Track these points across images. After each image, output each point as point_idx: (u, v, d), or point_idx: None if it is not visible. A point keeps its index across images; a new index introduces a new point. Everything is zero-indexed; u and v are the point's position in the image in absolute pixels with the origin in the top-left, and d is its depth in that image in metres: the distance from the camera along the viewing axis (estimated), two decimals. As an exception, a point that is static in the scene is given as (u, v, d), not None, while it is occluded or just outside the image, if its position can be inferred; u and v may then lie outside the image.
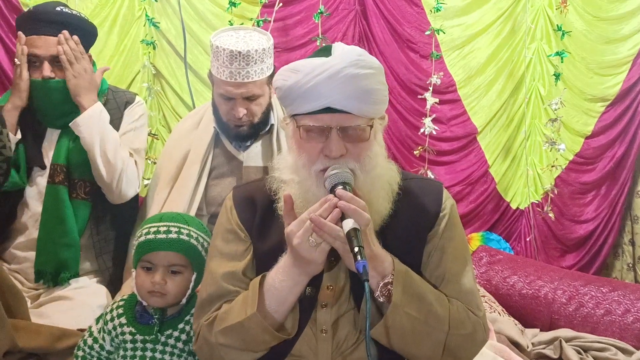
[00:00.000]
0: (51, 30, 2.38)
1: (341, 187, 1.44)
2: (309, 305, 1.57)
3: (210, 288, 1.62)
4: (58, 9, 2.41)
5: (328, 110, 1.48)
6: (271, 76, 2.44)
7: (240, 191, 1.72)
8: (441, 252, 1.60)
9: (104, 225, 2.52)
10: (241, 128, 2.43)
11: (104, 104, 2.49)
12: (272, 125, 2.52)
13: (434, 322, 1.50)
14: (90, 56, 2.50)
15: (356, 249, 1.34)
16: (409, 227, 1.59)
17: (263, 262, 1.59)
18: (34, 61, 2.39)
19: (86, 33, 2.47)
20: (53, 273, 2.39)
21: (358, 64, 1.48)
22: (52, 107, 2.43)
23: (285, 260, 1.51)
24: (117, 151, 2.42)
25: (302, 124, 1.52)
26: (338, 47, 1.54)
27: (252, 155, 2.51)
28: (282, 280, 1.50)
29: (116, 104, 2.55)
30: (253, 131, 2.47)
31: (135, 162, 2.53)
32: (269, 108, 2.48)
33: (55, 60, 2.39)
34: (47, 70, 2.38)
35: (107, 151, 2.39)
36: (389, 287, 1.48)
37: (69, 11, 2.44)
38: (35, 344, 1.93)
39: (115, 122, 2.51)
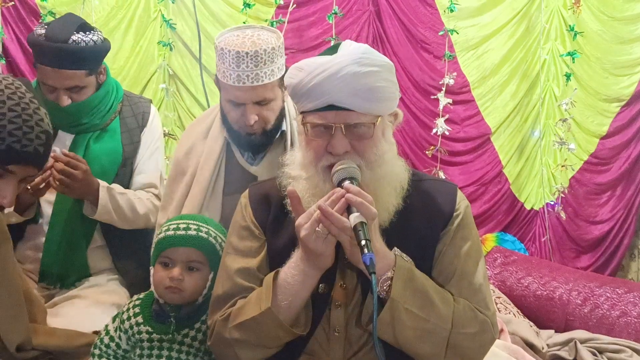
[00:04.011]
0: (64, 64, 2.28)
1: (348, 181, 1.46)
2: (323, 303, 1.58)
3: (225, 284, 1.64)
4: (71, 40, 2.27)
5: (332, 107, 1.51)
6: (283, 77, 2.21)
7: (255, 189, 1.74)
8: (453, 251, 1.61)
9: (118, 230, 2.50)
10: (253, 136, 2.20)
11: (119, 112, 2.50)
12: (284, 132, 2.29)
13: (436, 319, 1.50)
14: (104, 68, 2.45)
15: (363, 242, 1.36)
16: (422, 225, 1.60)
17: (276, 259, 1.60)
18: (47, 87, 2.34)
19: (99, 57, 2.39)
20: (59, 275, 2.40)
21: (360, 62, 1.49)
22: (67, 123, 2.40)
23: (297, 255, 1.53)
24: (136, 210, 2.43)
25: (307, 121, 1.55)
26: (345, 46, 1.55)
27: (266, 169, 2.31)
28: (294, 275, 1.51)
29: (132, 111, 2.54)
30: (265, 139, 2.23)
31: (159, 192, 2.54)
32: (282, 113, 2.25)
33: (69, 88, 2.33)
34: (64, 101, 2.33)
35: (127, 219, 2.42)
36: (389, 282, 1.49)
37: (83, 40, 2.29)
38: (50, 343, 1.95)
39: (132, 132, 2.51)
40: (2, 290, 1.77)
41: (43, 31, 2.29)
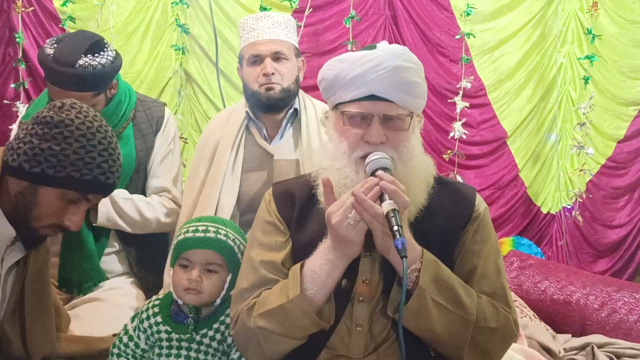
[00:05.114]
0: (70, 87, 2.24)
1: (382, 171, 1.50)
2: (345, 298, 1.60)
3: (250, 276, 1.66)
4: (78, 64, 2.22)
5: (371, 97, 1.56)
6: (297, 51, 2.52)
7: (279, 186, 1.78)
8: (472, 251, 1.64)
9: (134, 234, 2.52)
10: (271, 92, 2.41)
11: (133, 118, 2.49)
12: (297, 111, 2.50)
13: (461, 312, 1.52)
14: (116, 83, 2.40)
15: (395, 228, 1.40)
16: (442, 226, 1.63)
17: (301, 254, 1.62)
18: None
19: (107, 79, 2.34)
20: (76, 282, 2.42)
21: (401, 57, 1.58)
22: None
23: (324, 245, 1.56)
24: (144, 215, 2.45)
25: (345, 110, 1.59)
26: (382, 44, 1.64)
27: (283, 149, 2.48)
28: (322, 264, 1.54)
29: (146, 117, 2.53)
30: (285, 95, 2.44)
31: (172, 195, 2.55)
32: (297, 83, 2.49)
33: None
34: None
35: (136, 223, 2.44)
36: (416, 273, 1.51)
37: (90, 64, 2.23)
38: (72, 350, 1.98)
39: (147, 137, 2.52)
40: (37, 301, 1.80)
41: (52, 51, 2.25)
